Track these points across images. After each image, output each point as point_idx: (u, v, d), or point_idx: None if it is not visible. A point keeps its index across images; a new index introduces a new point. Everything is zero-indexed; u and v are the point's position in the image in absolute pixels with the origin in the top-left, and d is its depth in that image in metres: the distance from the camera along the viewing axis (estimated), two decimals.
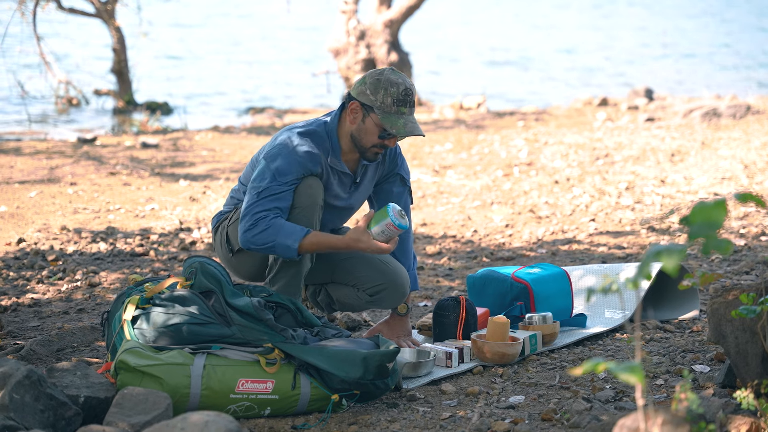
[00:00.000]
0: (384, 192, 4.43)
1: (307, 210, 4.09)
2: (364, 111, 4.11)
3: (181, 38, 23.67)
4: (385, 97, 4.07)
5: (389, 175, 4.40)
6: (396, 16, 14.65)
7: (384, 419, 3.47)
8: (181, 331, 3.56)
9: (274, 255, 4.08)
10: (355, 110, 4.13)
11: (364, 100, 4.10)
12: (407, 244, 4.47)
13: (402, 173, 4.41)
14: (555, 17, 34.19)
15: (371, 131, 4.12)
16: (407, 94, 4.10)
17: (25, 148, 10.29)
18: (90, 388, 3.31)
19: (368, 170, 4.34)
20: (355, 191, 4.31)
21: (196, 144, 10.95)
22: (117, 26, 13.82)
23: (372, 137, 4.13)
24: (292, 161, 4.09)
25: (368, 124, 4.11)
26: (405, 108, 4.09)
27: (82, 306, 5.00)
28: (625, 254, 6.06)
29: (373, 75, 4.12)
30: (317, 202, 4.12)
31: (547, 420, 3.41)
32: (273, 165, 4.09)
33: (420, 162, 9.75)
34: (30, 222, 7.00)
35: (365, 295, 4.32)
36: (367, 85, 4.11)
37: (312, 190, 4.10)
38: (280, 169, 4.08)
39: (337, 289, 4.39)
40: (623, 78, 19.54)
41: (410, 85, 4.13)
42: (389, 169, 4.39)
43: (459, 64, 21.45)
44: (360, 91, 4.12)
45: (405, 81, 4.11)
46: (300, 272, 4.13)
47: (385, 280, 4.28)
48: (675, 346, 4.22)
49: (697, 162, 9.42)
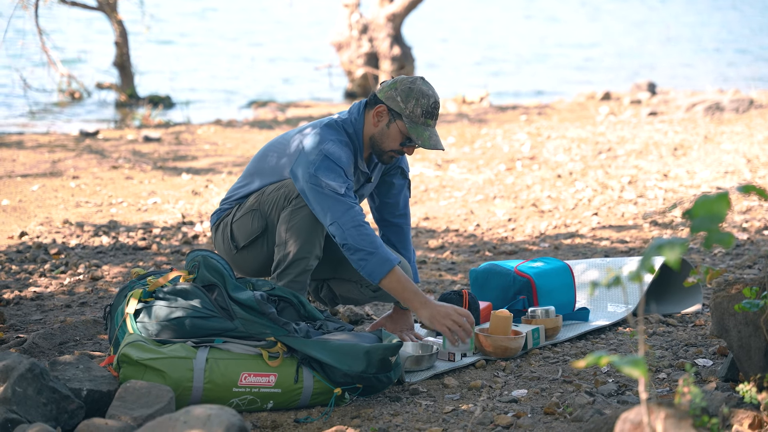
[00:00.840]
0: (386, 184, 4.44)
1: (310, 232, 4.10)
2: (390, 116, 4.09)
3: (183, 32, 23.65)
4: (415, 107, 4.06)
5: (391, 168, 4.41)
6: (399, 10, 14.63)
7: (387, 413, 3.47)
8: (184, 325, 3.56)
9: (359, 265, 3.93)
10: (381, 114, 4.11)
11: (392, 106, 4.08)
12: (407, 236, 4.47)
13: (403, 166, 4.43)
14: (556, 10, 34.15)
15: (394, 137, 4.11)
16: (436, 107, 4.10)
17: (28, 142, 10.29)
18: (92, 381, 3.30)
19: (378, 166, 4.35)
20: (365, 186, 4.33)
21: (199, 138, 10.95)
22: (119, 20, 13.81)
23: (393, 143, 4.12)
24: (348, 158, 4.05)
25: (392, 130, 4.10)
26: (431, 120, 4.10)
27: (85, 299, 5.00)
28: (627, 248, 6.05)
29: (405, 82, 4.09)
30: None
31: (550, 414, 3.41)
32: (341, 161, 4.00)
33: (423, 156, 9.74)
34: (32, 215, 7.00)
35: (368, 291, 4.33)
36: (398, 91, 4.07)
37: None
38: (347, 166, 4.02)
39: (340, 285, 4.39)
40: (626, 72, 19.51)
41: (438, 98, 4.13)
42: (392, 163, 4.40)
43: (461, 58, 21.43)
44: (389, 96, 4.09)
45: (435, 94, 4.11)
46: (308, 270, 4.12)
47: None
48: (678, 340, 4.22)
49: (700, 156, 9.41)
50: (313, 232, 4.11)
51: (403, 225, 4.49)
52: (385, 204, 4.46)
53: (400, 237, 4.44)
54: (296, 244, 4.08)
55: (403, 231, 4.45)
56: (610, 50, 23.74)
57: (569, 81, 18.18)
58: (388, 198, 4.45)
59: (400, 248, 4.46)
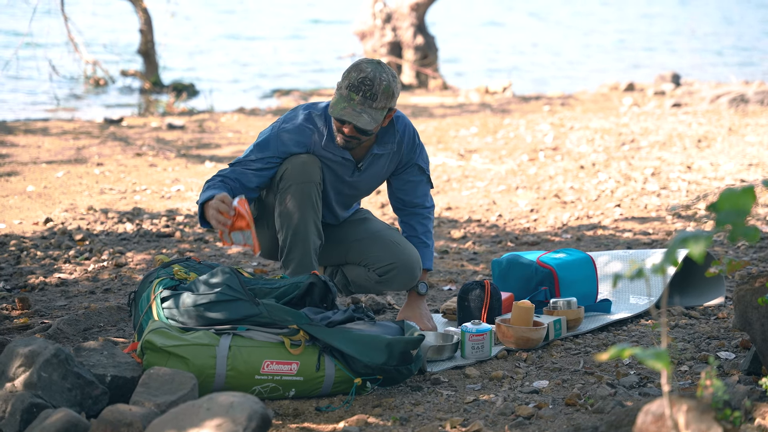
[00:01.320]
0: (401, 181, 4.42)
1: (302, 186, 4.10)
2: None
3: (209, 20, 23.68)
4: (344, 80, 4.05)
5: (407, 164, 4.39)
6: (422, 0, 14.61)
7: (408, 402, 3.48)
8: (210, 310, 3.57)
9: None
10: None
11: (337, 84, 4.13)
12: (422, 227, 4.47)
13: (420, 163, 4.40)
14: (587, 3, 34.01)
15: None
16: (363, 83, 3.99)
17: (53, 129, 10.35)
18: (117, 367, 3.33)
19: (381, 159, 4.31)
20: (360, 176, 4.30)
21: (222, 126, 10.98)
22: (144, 7, 13.86)
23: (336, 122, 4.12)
24: (273, 140, 4.16)
25: None
26: (356, 95, 4.00)
27: (109, 286, 5.03)
28: (650, 240, 6.03)
29: (354, 61, 4.11)
30: (312, 179, 4.12)
31: (571, 405, 3.41)
32: (258, 140, 4.20)
33: (445, 146, 9.74)
34: (57, 202, 7.05)
35: (374, 275, 4.34)
36: (346, 69, 4.11)
37: (306, 167, 4.12)
38: (260, 144, 4.17)
39: (351, 270, 4.42)
40: (650, 63, 19.41)
41: (377, 77, 4.00)
42: (407, 159, 4.38)
43: (485, 48, 21.37)
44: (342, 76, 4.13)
45: (374, 72, 4.00)
46: (308, 250, 4.15)
47: (395, 260, 4.30)
48: (700, 333, 4.21)
49: (724, 148, 9.36)
50: (304, 211, 4.12)
51: (425, 215, 4.49)
52: (404, 199, 4.45)
53: (421, 224, 4.46)
54: (290, 227, 4.15)
55: (424, 220, 4.47)
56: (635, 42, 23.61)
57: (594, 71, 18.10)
58: (405, 195, 4.44)
59: (421, 236, 4.47)
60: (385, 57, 14.60)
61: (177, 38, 18.61)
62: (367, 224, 4.50)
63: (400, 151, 4.33)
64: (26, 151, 8.97)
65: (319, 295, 3.80)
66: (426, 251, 4.48)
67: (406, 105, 12.66)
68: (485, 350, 3.94)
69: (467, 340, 3.94)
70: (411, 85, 14.66)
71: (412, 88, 14.59)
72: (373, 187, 4.41)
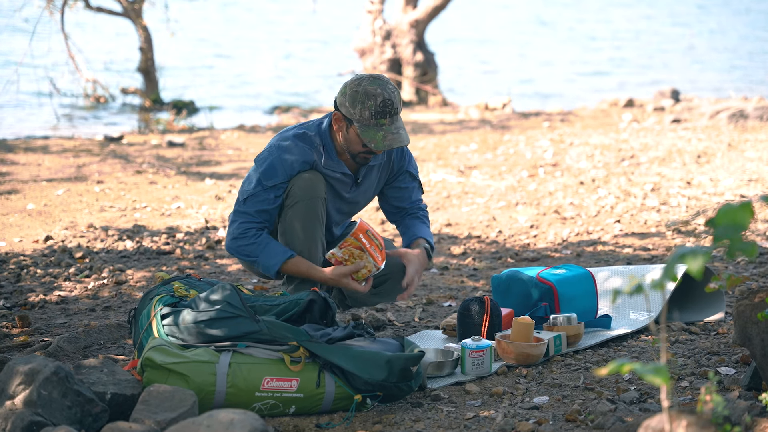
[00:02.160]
0: (395, 189, 4.47)
1: (308, 203, 4.12)
2: (346, 122, 4.11)
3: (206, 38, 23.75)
4: (362, 111, 4.04)
5: (398, 173, 4.44)
6: (422, 16, 14.65)
7: (408, 418, 3.48)
8: (210, 327, 3.58)
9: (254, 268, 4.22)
10: (338, 120, 4.15)
11: (344, 112, 4.10)
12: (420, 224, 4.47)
13: (410, 170, 4.46)
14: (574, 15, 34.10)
15: (354, 141, 4.14)
16: (386, 105, 4.03)
17: (53, 147, 10.37)
18: (117, 385, 3.33)
19: (373, 170, 4.35)
20: (357, 190, 4.34)
21: (222, 143, 11.00)
22: (144, 25, 13.91)
23: (357, 146, 4.14)
24: (278, 164, 4.13)
25: (351, 134, 4.13)
26: (384, 119, 4.05)
27: (109, 303, 5.03)
28: (650, 256, 6.04)
29: (352, 86, 4.08)
30: (318, 194, 4.14)
31: (572, 421, 3.41)
32: (260, 168, 4.16)
33: (445, 162, 9.75)
34: (57, 220, 7.05)
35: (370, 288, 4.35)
36: (346, 96, 4.08)
37: (311, 183, 4.13)
38: (266, 173, 4.14)
39: None
40: (649, 79, 19.45)
41: (390, 94, 4.05)
42: (398, 168, 4.43)
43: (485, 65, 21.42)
44: (341, 102, 4.12)
45: (384, 90, 4.04)
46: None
47: (388, 271, 4.32)
48: (700, 348, 4.21)
49: (724, 164, 9.38)
50: (310, 227, 4.15)
51: (421, 213, 4.51)
52: (397, 205, 4.50)
53: (419, 218, 4.49)
54: (296, 244, 4.17)
55: (420, 213, 4.49)
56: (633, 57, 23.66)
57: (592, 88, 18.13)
58: (401, 202, 4.49)
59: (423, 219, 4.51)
60: (386, 74, 14.64)
61: (177, 56, 18.65)
62: None
63: (390, 160, 4.38)
64: (26, 169, 8.99)
65: (319, 311, 3.80)
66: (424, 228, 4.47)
67: (407, 122, 12.68)
68: (485, 366, 3.94)
69: (467, 356, 3.93)
70: (411, 101, 14.69)
71: (411, 104, 14.62)
72: (367, 200, 4.46)
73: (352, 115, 4.06)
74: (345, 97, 4.09)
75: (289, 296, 3.87)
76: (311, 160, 4.18)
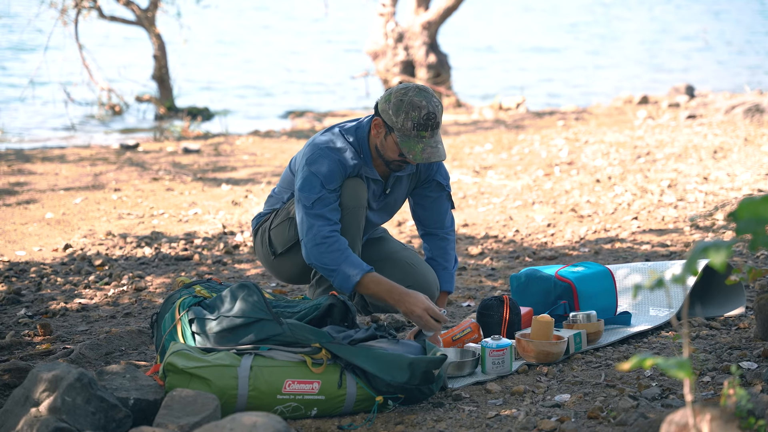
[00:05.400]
0: (419, 197, 4.44)
1: (353, 211, 4.12)
2: (386, 129, 4.10)
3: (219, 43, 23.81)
4: (405, 121, 4.03)
5: (426, 181, 4.40)
6: (434, 18, 14.65)
7: (430, 419, 3.48)
8: (235, 331, 3.59)
9: (328, 278, 4.11)
10: (378, 126, 4.13)
11: (386, 119, 4.08)
12: (446, 247, 4.47)
13: (439, 179, 4.40)
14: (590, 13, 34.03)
15: (392, 149, 4.12)
16: (429, 118, 4.03)
17: (70, 156, 10.41)
18: (139, 390, 3.34)
19: (402, 179, 4.33)
20: (385, 199, 4.33)
21: (237, 148, 11.02)
22: (157, 33, 13.95)
23: (393, 154, 4.13)
24: (335, 166, 4.10)
25: (389, 142, 4.11)
26: (426, 132, 4.04)
27: (129, 310, 5.05)
28: (668, 252, 6.02)
29: (397, 94, 4.06)
30: (362, 203, 4.14)
31: (594, 418, 3.40)
32: (319, 171, 4.09)
33: (460, 163, 9.75)
34: (76, 228, 7.09)
35: None
36: (390, 104, 4.06)
37: (357, 191, 4.13)
38: (327, 176, 4.08)
39: None
40: (664, 75, 19.39)
41: (434, 107, 4.04)
42: (425, 176, 4.39)
43: (498, 64, 21.40)
44: (383, 108, 4.09)
45: (429, 103, 4.03)
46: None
47: (412, 282, 4.30)
48: (721, 344, 4.19)
49: (740, 158, 9.34)
50: (352, 236, 4.15)
51: (443, 236, 4.49)
52: (424, 216, 4.47)
53: (440, 248, 4.46)
54: None
55: (442, 242, 4.47)
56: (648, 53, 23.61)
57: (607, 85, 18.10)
58: (425, 210, 4.45)
59: (439, 259, 4.47)
60: (398, 76, 14.64)
61: (191, 63, 18.70)
62: (382, 244, 4.52)
63: (418, 169, 4.36)
64: (44, 178, 9.03)
65: (339, 315, 3.81)
66: (444, 274, 4.47)
67: None
68: (506, 365, 3.94)
69: (488, 356, 3.93)
70: None
71: None
72: (394, 210, 4.44)
73: (393, 124, 4.05)
74: (389, 104, 4.06)
75: (310, 301, 3.88)
76: (359, 164, 4.18)
